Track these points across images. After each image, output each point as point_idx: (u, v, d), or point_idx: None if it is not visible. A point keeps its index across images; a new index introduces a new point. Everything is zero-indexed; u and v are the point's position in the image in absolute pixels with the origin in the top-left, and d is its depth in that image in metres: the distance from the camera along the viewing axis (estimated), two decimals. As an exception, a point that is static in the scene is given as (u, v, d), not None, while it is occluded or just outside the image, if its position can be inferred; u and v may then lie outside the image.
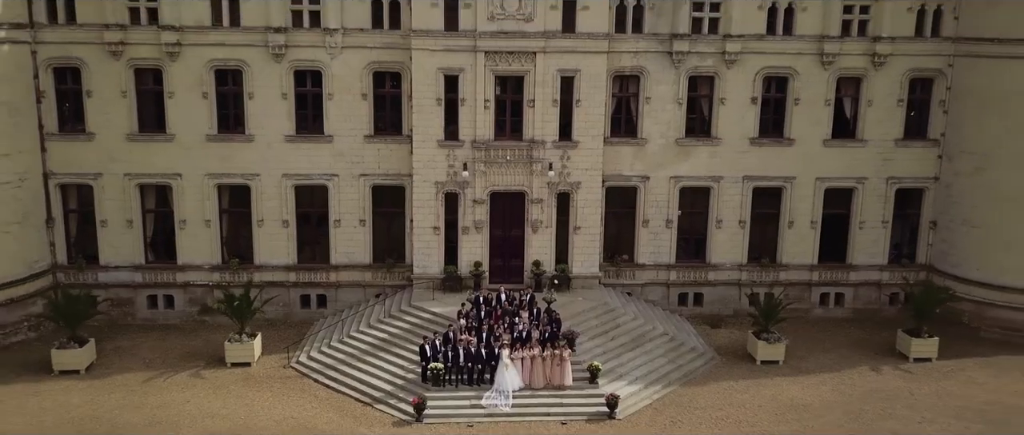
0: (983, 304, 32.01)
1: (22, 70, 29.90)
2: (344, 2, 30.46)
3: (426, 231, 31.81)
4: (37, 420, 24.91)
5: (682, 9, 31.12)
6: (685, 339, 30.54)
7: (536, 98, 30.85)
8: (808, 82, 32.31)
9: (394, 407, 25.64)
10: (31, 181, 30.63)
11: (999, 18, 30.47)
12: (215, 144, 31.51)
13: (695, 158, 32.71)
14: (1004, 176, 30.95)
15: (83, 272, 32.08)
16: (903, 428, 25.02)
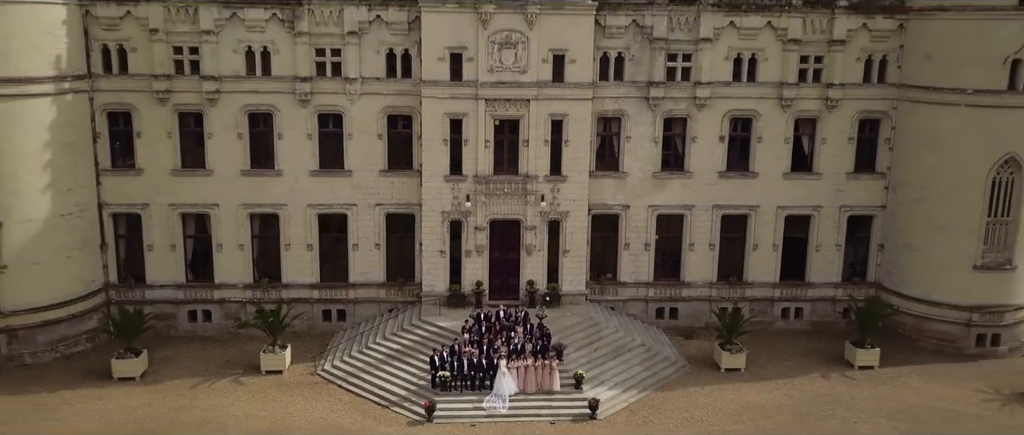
0: (921, 318, 36.47)
1: (82, 115, 34.30)
2: (362, 55, 34.90)
3: (433, 254, 36.23)
4: (105, 421, 29.30)
5: (657, 60, 35.56)
6: (660, 349, 35.00)
7: (530, 138, 35.27)
8: (769, 122, 36.77)
9: (408, 409, 30.07)
10: (88, 212, 35.03)
11: (933, 69, 34.93)
12: (248, 178, 35.94)
13: (670, 189, 37.16)
14: (938, 207, 35.40)
15: (132, 290, 36.50)
16: (840, 427, 29.48)
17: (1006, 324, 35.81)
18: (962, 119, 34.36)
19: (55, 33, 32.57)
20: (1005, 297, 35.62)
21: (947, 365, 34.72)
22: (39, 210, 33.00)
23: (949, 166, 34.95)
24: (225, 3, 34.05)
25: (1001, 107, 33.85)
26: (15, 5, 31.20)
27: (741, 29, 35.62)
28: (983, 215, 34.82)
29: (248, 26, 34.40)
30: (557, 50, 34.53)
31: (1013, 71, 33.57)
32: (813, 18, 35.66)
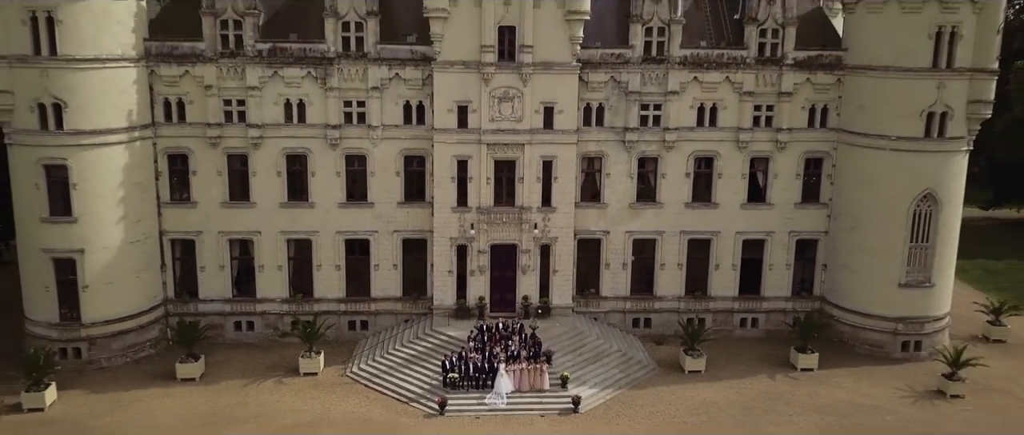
0: (857, 327, 42.99)
1: (147, 158, 40.72)
2: (383, 106, 41.33)
3: (443, 273, 42.66)
4: (176, 415, 35.76)
5: (632, 109, 42.02)
6: (634, 354, 41.50)
7: (525, 176, 41.71)
8: (728, 161, 43.24)
9: (424, 405, 36.57)
10: (152, 238, 41.45)
11: (865, 118, 41.42)
12: (286, 209, 42.37)
13: (644, 217, 43.63)
14: (870, 234, 41.90)
15: (186, 304, 42.91)
16: (778, 418, 35.98)
17: (926, 333, 42.36)
18: (888, 160, 40.86)
19: (128, 91, 39.04)
20: (925, 310, 42.20)
21: (875, 367, 41.25)
22: (114, 238, 39.46)
23: (878, 200, 41.44)
24: (268, 63, 40.50)
25: (920, 151, 40.41)
26: (98, 71, 37.66)
27: (703, 83, 42.10)
28: (906, 241, 41.34)
29: (287, 82, 40.84)
30: (547, 103, 41.02)
31: (929, 121, 40.10)
32: (764, 74, 42.14)
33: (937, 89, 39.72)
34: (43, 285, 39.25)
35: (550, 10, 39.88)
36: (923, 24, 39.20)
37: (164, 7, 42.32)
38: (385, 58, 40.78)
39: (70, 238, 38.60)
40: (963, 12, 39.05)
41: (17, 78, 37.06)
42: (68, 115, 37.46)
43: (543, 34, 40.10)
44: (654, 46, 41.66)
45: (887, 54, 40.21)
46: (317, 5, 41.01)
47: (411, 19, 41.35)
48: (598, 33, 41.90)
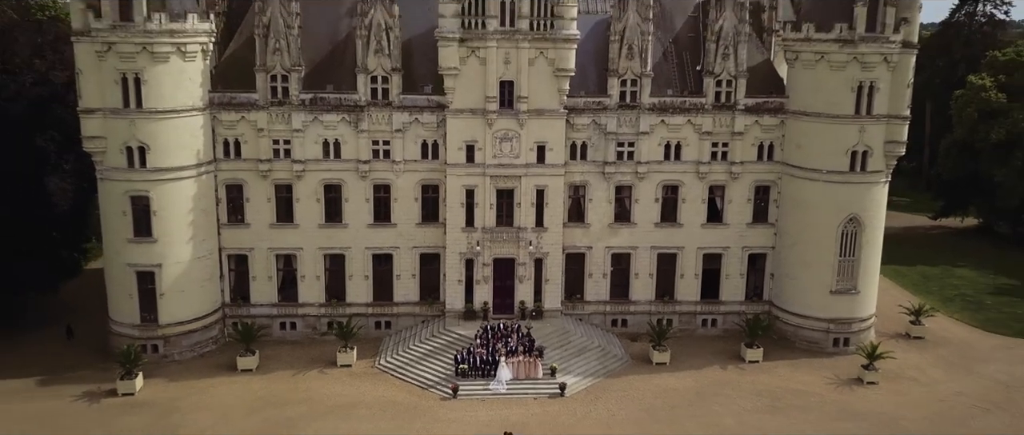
0: (797, 326, 51.79)
1: (210, 187, 49.37)
2: (404, 145, 49.98)
3: (453, 282, 51.38)
4: (240, 398, 44.47)
5: (610, 146, 50.72)
6: (611, 349, 50.29)
7: (521, 202, 50.41)
8: (691, 188, 51.95)
9: (440, 390, 45.31)
10: (213, 254, 50.16)
11: (802, 154, 50.17)
12: (323, 229, 51.06)
13: (620, 235, 52.37)
14: (807, 249, 50.67)
15: (240, 308, 51.65)
16: (723, 400, 44.71)
17: (853, 331, 51.18)
18: (821, 189, 49.63)
19: (196, 135, 47.75)
20: (852, 313, 51.08)
21: (810, 360, 50.05)
22: (185, 255, 48.20)
23: (813, 221, 50.21)
24: (309, 110, 49.18)
25: (846, 183, 49.19)
26: (174, 119, 46.38)
27: (669, 125, 50.81)
28: (836, 256, 50.13)
29: (325, 125, 49.53)
30: (540, 142, 49.74)
31: (853, 158, 48.88)
32: (720, 117, 50.86)
33: (859, 132, 48.49)
34: (127, 293, 48.05)
35: (542, 68, 48.60)
36: (847, 79, 47.96)
37: (223, 60, 50.83)
38: (406, 106, 49.50)
39: (151, 255, 47.38)
40: (879, 70, 47.79)
41: (110, 126, 45.81)
42: (150, 155, 46.23)
43: (536, 87, 48.83)
44: (628, 95, 50.42)
45: (819, 103, 48.96)
46: (350, 61, 49.79)
47: (428, 72, 49.93)
48: (582, 84, 50.56)
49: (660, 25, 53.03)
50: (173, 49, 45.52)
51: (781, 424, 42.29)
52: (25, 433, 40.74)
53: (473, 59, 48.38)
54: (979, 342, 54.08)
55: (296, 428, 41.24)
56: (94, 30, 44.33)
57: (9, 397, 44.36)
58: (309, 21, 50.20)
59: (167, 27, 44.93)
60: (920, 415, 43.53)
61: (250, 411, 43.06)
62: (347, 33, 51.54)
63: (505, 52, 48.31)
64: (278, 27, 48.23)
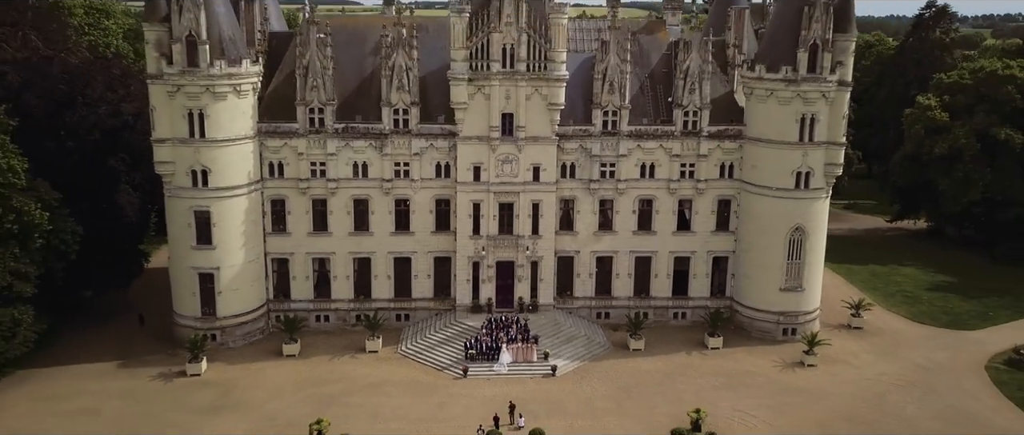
0: (752, 318, 61.26)
1: (257, 203, 58.68)
2: (422, 165, 59.29)
3: (463, 281, 60.78)
4: (288, 378, 53.93)
5: (594, 166, 60.04)
6: (596, 337, 59.72)
7: (519, 213, 59.76)
8: (663, 201, 61.31)
9: (452, 371, 54.77)
10: (260, 258, 59.56)
11: (757, 173, 59.51)
12: (352, 237, 60.43)
13: (604, 241, 61.77)
14: (761, 253, 60.09)
15: (282, 303, 61.08)
16: (685, 380, 54.16)
17: (799, 322, 60.62)
18: (772, 203, 58.99)
19: (247, 159, 57.10)
20: (798, 307, 60.53)
21: (763, 347, 59.50)
22: (238, 259, 57.61)
23: (765, 230, 59.60)
24: (342, 137, 58.47)
25: (792, 198, 58.51)
26: (230, 147, 55.68)
27: (644, 148, 60.15)
28: (784, 259, 59.52)
29: (355, 150, 58.85)
30: (535, 164, 59.07)
31: (797, 178, 58.18)
32: (687, 142, 60.17)
33: (802, 156, 57.81)
34: (190, 291, 57.50)
35: (536, 102, 57.92)
36: (792, 112, 57.27)
37: (268, 95, 59.94)
38: (423, 133, 58.84)
39: (210, 259, 56.80)
40: (819, 104, 57.10)
41: (178, 153, 55.16)
42: (211, 177, 55.59)
43: (532, 118, 58.16)
44: (610, 123, 59.75)
45: (770, 131, 58.28)
46: (375, 95, 59.10)
47: (441, 105, 59.13)
48: (570, 114, 59.78)
49: (638, 62, 62.33)
50: (230, 89, 54.85)
51: (731, 398, 51.74)
52: (116, 407, 50.19)
53: (479, 95, 57.70)
54: (909, 332, 63.59)
55: (336, 402, 50.67)
56: (166, 75, 53.67)
57: (97, 377, 53.88)
58: (340, 60, 59.45)
59: (226, 71, 54.26)
60: (846, 391, 53.04)
61: (297, 388, 52.56)
62: (372, 70, 60.76)
63: (506, 89, 57.64)
64: (315, 68, 57.53)
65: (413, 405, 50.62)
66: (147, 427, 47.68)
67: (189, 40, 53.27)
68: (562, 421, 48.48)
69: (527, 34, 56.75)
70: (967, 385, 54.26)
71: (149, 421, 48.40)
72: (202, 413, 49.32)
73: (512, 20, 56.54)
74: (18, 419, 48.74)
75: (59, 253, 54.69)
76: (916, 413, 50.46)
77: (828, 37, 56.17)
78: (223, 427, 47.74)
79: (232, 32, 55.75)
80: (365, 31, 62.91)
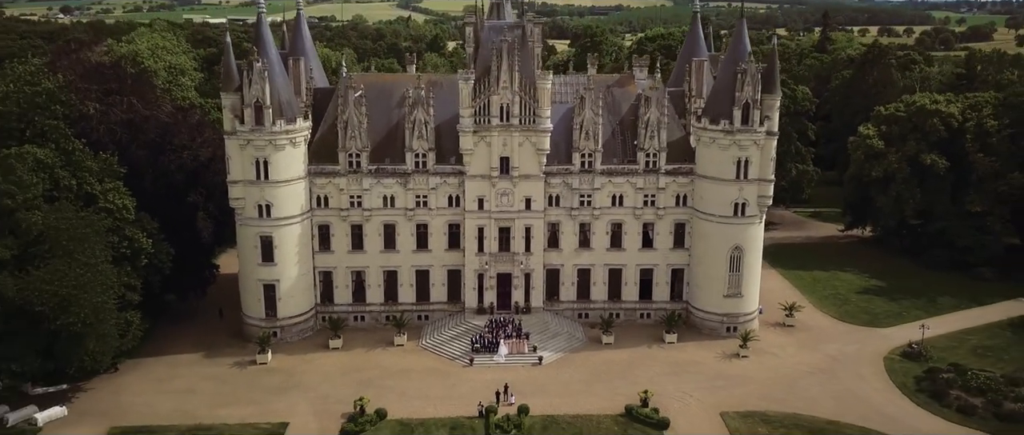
0: (703, 319, 76.38)
1: (308, 228, 74.41)
2: (437, 197, 74.71)
3: (470, 289, 76.30)
4: (334, 366, 69.72)
5: (574, 197, 75.25)
6: (576, 334, 75.11)
7: (515, 235, 75.10)
8: (631, 225, 76.42)
9: (461, 361, 70.33)
10: (309, 272, 75.30)
11: (705, 203, 74.34)
12: (382, 254, 76.05)
13: (584, 256, 77.01)
14: (708, 267, 75.11)
15: (327, 307, 76.86)
16: (644, 367, 69.34)
17: (739, 322, 75.62)
18: (716, 227, 73.94)
19: (300, 194, 72.80)
20: (738, 310, 75.56)
21: (710, 342, 74.52)
22: (293, 273, 73.47)
23: (711, 248, 74.58)
24: (374, 176, 73.96)
25: (731, 224, 73.37)
26: (287, 186, 71.34)
27: (614, 182, 75.22)
28: (726, 271, 74.46)
29: (384, 186, 74.37)
30: (527, 196, 74.36)
31: (735, 207, 73.01)
32: (649, 177, 75.17)
33: (739, 190, 72.63)
34: (256, 298, 73.42)
35: (527, 148, 73.11)
36: (730, 156, 72.06)
37: (315, 142, 75.27)
38: (438, 172, 74.25)
39: (272, 273, 72.67)
40: (751, 150, 71.87)
41: (248, 191, 70.89)
42: (273, 209, 71.31)
43: (524, 160, 73.33)
44: (587, 163, 74.85)
45: (713, 170, 73.14)
46: (400, 141, 74.47)
47: (452, 149, 74.28)
48: (555, 155, 74.83)
49: (611, 110, 77.34)
50: (288, 141, 70.50)
51: (676, 382, 66.89)
52: (207, 388, 66.12)
53: (482, 143, 72.93)
54: (831, 329, 78.43)
55: (373, 384, 66.29)
56: (239, 132, 69.36)
57: (187, 365, 69.97)
58: (371, 113, 74.73)
59: (284, 128, 69.87)
60: (766, 376, 68.10)
61: (342, 373, 68.35)
62: (397, 121, 76.02)
63: (503, 138, 72.84)
64: (353, 122, 73.05)
65: (431, 386, 66.21)
66: (233, 403, 63.58)
67: (256, 106, 68.86)
68: (544, 399, 63.82)
69: (519, 96, 71.90)
70: (864, 372, 69.14)
71: (234, 398, 64.36)
72: (273, 392, 65.25)
73: (507, 85, 71.67)
74: (134, 396, 64.85)
75: (156, 269, 70.55)
76: (817, 394, 65.44)
77: (757, 97, 70.85)
78: (289, 403, 63.60)
79: (288, 97, 71.33)
80: (392, 87, 78.31)
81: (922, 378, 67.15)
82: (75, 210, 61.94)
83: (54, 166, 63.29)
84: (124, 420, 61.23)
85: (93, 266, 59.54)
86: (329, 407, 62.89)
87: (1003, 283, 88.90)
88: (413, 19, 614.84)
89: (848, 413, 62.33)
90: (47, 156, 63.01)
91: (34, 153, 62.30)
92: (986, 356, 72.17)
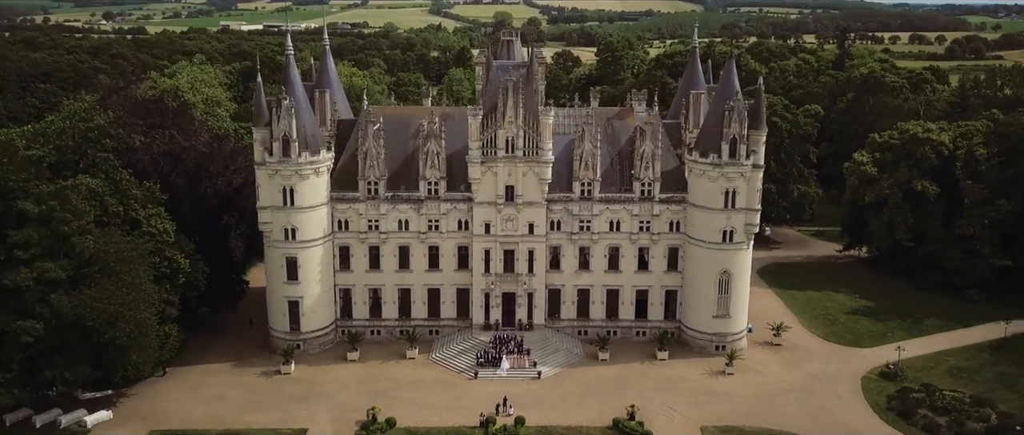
0: (693, 337, 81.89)
1: (330, 249, 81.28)
2: (447, 222, 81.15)
3: (477, 307, 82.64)
4: (352, 376, 76.50)
5: (575, 222, 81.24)
6: (574, 350, 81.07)
7: (519, 257, 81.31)
8: (627, 249, 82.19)
9: (467, 374, 76.67)
10: (330, 289, 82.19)
11: (696, 229, 79.91)
12: (397, 273, 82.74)
13: (582, 277, 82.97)
14: (699, 289, 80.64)
15: (346, 321, 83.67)
16: (635, 383, 75.05)
17: (728, 341, 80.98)
18: (706, 253, 79.46)
19: (323, 219, 79.75)
20: (727, 330, 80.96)
21: (699, 359, 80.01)
22: (315, 290, 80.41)
23: (702, 272, 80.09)
24: (390, 202, 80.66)
25: (720, 249, 78.83)
26: (311, 211, 78.31)
27: (612, 209, 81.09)
28: (716, 294, 79.89)
29: (400, 211, 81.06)
30: (530, 221, 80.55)
31: (724, 234, 78.46)
32: (644, 205, 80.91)
33: (727, 218, 78.06)
34: (282, 313, 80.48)
35: (531, 177, 79.29)
36: (719, 187, 77.55)
37: (337, 170, 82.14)
38: (449, 199, 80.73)
39: (296, 291, 79.69)
40: (738, 182, 77.29)
41: (276, 216, 77.98)
42: (298, 233, 78.31)
43: (527, 188, 79.51)
44: (586, 191, 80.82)
45: (704, 199, 78.67)
46: (414, 170, 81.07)
47: (462, 177, 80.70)
48: (557, 183, 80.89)
49: (610, 141, 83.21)
50: (312, 171, 77.48)
51: (663, 397, 72.53)
52: (236, 395, 73.17)
53: (489, 173, 79.26)
54: (816, 348, 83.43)
55: (386, 395, 72.84)
56: (268, 162, 76.47)
57: (218, 374, 77.18)
58: (388, 143, 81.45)
59: (310, 159, 76.85)
60: (748, 393, 73.47)
61: (359, 383, 75.06)
62: (413, 150, 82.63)
63: (508, 168, 79.09)
64: (372, 154, 79.82)
65: (438, 397, 72.62)
66: (259, 410, 70.53)
67: (284, 139, 75.90)
68: (540, 411, 69.88)
69: (523, 130, 78.13)
70: (840, 390, 74.20)
71: (260, 405, 71.34)
72: (295, 400, 72.14)
73: (512, 120, 77.93)
74: (170, 402, 72.11)
75: (192, 286, 77.82)
76: (793, 410, 70.68)
77: (744, 133, 76.26)
78: (310, 410, 70.39)
79: (313, 130, 78.31)
80: (408, 120, 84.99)
81: (894, 397, 72.05)
82: (122, 234, 69.42)
83: (104, 194, 70.78)
84: (163, 424, 68.48)
85: (137, 286, 66.90)
86: (345, 415, 69.56)
87: (990, 305, 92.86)
88: (443, 26, 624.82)
89: (819, 429, 67.58)
90: (98, 186, 70.54)
91: (87, 183, 69.84)
92: (961, 377, 76.84)
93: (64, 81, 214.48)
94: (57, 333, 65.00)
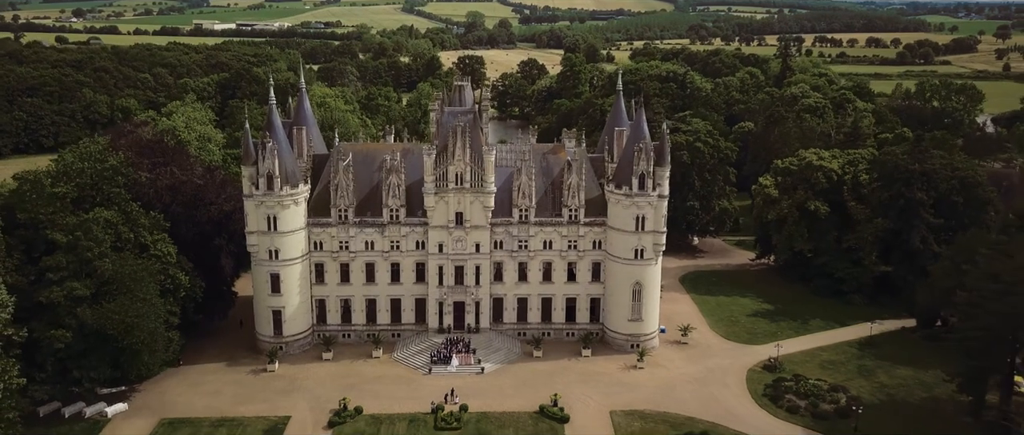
0: (614, 338, 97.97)
1: (307, 266, 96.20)
2: (406, 242, 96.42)
3: (432, 313, 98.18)
4: (327, 373, 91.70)
5: (515, 242, 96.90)
6: (514, 349, 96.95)
7: (467, 272, 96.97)
8: (559, 264, 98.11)
9: (423, 370, 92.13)
10: (308, 299, 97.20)
11: (614, 248, 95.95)
12: (365, 286, 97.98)
13: (521, 288, 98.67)
14: (617, 298, 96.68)
15: (321, 326, 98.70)
16: (561, 376, 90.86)
17: (641, 341, 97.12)
18: (622, 267, 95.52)
19: (301, 241, 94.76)
20: (640, 331, 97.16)
21: (617, 355, 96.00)
22: (295, 300, 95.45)
23: (619, 283, 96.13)
24: (358, 226, 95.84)
25: (633, 265, 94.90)
26: (291, 235, 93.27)
27: (545, 231, 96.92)
28: (630, 301, 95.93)
29: (366, 235, 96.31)
30: (477, 242, 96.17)
31: (635, 252, 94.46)
32: (572, 228, 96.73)
33: (639, 239, 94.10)
34: (267, 320, 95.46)
35: (477, 205, 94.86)
36: (631, 213, 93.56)
37: (313, 199, 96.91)
38: (408, 224, 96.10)
39: (279, 301, 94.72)
40: (647, 209, 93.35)
41: (261, 240, 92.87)
42: (280, 254, 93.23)
43: (474, 214, 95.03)
44: (523, 216, 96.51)
45: (620, 223, 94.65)
46: (378, 199, 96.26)
47: (419, 204, 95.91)
48: (500, 209, 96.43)
49: (545, 173, 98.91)
50: (292, 202, 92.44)
51: (582, 387, 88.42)
52: (230, 390, 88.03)
53: (441, 201, 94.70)
54: (717, 346, 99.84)
55: (355, 389, 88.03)
56: (254, 195, 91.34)
57: (213, 372, 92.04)
58: (357, 175, 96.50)
59: (289, 192, 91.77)
60: (653, 384, 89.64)
61: (333, 379, 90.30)
62: (377, 182, 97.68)
63: (458, 197, 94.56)
64: (342, 185, 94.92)
65: (398, 389, 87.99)
66: (249, 402, 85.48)
67: (268, 175, 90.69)
68: (481, 400, 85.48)
69: (470, 166, 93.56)
70: (728, 381, 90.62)
71: (250, 398, 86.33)
72: (279, 393, 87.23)
73: (461, 158, 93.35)
74: (175, 396, 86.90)
75: (191, 298, 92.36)
76: (688, 397, 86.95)
77: (651, 169, 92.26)
78: (292, 402, 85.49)
79: (292, 167, 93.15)
80: (374, 154, 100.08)
81: (769, 385, 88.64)
82: (134, 257, 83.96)
83: (118, 224, 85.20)
84: (170, 413, 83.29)
85: (148, 300, 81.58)
86: (321, 405, 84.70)
87: (870, 307, 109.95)
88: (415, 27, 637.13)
89: (706, 412, 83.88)
90: (113, 217, 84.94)
91: (104, 215, 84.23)
92: (828, 368, 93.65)
93: (50, 95, 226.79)
94: (83, 340, 79.50)
